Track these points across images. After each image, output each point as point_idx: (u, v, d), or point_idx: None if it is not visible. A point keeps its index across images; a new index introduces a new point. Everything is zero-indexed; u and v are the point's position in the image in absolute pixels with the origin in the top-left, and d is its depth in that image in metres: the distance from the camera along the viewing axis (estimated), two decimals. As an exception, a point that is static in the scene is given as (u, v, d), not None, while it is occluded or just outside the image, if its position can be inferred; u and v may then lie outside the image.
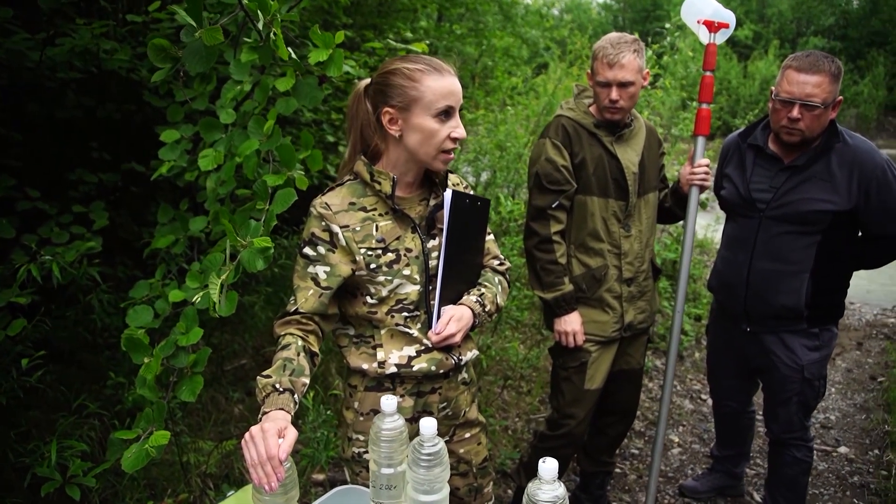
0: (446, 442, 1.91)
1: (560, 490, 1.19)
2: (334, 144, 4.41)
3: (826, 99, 2.29)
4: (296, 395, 1.49)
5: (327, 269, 1.66)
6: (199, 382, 1.75)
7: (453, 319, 1.74)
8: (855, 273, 2.61)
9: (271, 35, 1.63)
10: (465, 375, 1.92)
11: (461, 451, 1.96)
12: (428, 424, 1.32)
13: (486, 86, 7.37)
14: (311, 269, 1.67)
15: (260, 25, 1.62)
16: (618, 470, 3.53)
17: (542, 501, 1.17)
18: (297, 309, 1.65)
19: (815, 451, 3.73)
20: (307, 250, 1.67)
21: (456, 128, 1.64)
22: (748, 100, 20.31)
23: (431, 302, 1.76)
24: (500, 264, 1.98)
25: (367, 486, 1.52)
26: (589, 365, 2.62)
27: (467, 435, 1.97)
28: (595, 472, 3.01)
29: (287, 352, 1.56)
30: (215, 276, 1.54)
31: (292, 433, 1.35)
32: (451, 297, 1.80)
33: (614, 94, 2.43)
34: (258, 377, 1.51)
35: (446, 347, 1.78)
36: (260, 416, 1.42)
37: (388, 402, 1.41)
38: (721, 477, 3.30)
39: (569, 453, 2.81)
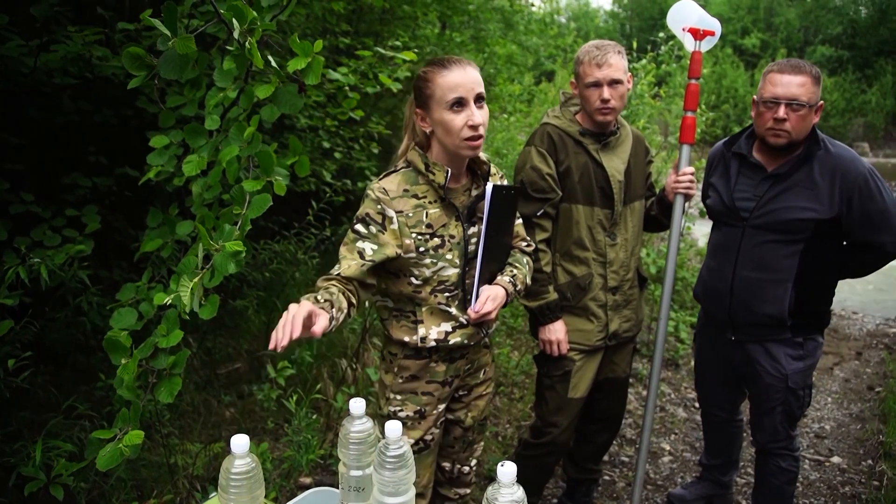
0: (463, 397, 2.16)
1: (518, 493, 1.20)
2: (330, 150, 4.43)
3: (811, 99, 2.31)
4: (333, 311, 1.62)
5: (375, 247, 1.82)
6: (177, 384, 1.77)
7: (490, 298, 1.95)
8: (859, 282, 2.61)
9: (246, 44, 1.65)
10: (487, 339, 2.16)
11: (471, 404, 2.19)
12: (393, 427, 1.34)
13: (490, 92, 7.38)
14: (359, 243, 1.82)
15: (236, 34, 1.65)
16: (607, 477, 3.54)
17: (500, 505, 1.19)
18: (339, 273, 1.79)
19: (807, 461, 3.74)
20: (359, 227, 1.84)
21: (472, 115, 1.80)
22: (755, 108, 20.31)
23: (468, 282, 1.96)
24: (528, 245, 2.25)
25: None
26: (573, 373, 2.63)
27: (482, 392, 2.21)
28: (581, 479, 3.02)
29: (328, 291, 1.70)
30: (186, 279, 1.57)
31: (324, 319, 1.53)
32: (485, 277, 2.01)
33: (606, 93, 2.42)
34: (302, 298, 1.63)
35: (481, 323, 2.00)
36: None
37: (356, 404, 1.43)
38: (709, 485, 3.30)
39: (552, 461, 2.81)
